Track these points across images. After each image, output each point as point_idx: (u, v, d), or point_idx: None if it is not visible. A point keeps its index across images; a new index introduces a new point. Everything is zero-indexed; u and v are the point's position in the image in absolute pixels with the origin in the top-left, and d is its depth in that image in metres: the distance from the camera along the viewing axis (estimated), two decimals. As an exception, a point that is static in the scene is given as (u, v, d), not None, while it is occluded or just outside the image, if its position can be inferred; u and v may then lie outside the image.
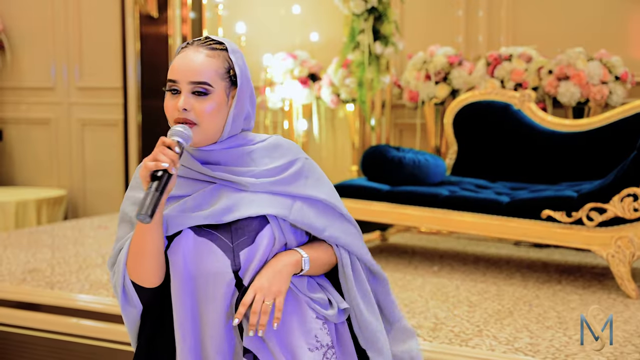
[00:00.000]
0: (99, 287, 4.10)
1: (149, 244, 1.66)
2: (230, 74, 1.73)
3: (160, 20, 6.76)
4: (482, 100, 4.95)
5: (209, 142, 1.74)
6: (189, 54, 1.71)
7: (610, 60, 5.03)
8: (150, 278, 1.70)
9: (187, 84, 1.68)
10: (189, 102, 1.68)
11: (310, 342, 1.72)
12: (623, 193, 3.88)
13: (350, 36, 5.41)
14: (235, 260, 1.69)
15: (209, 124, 1.70)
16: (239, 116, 1.76)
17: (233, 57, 1.74)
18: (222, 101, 1.71)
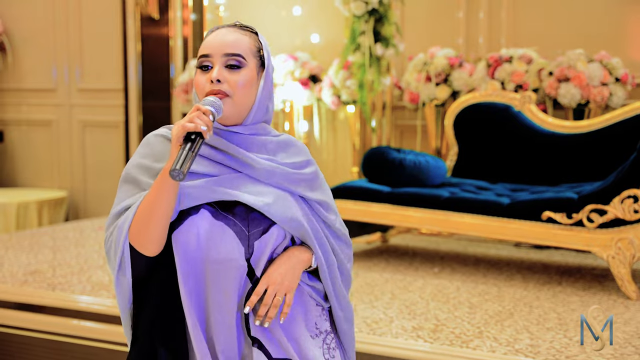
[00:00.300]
0: (100, 288, 4.11)
1: (162, 207, 1.63)
2: (261, 54, 1.76)
3: (161, 22, 6.77)
4: (483, 101, 4.96)
5: (237, 120, 1.74)
6: (221, 31, 1.75)
7: (610, 61, 5.03)
8: (153, 244, 1.66)
9: (221, 56, 1.70)
10: (222, 73, 1.70)
11: (312, 329, 1.77)
12: (623, 195, 3.89)
13: (351, 38, 5.42)
14: (249, 249, 1.70)
15: (241, 97, 1.71)
16: (264, 100, 1.77)
17: (262, 41, 1.78)
18: (254, 77, 1.73)
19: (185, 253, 1.68)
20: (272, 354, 1.70)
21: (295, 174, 1.77)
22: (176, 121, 6.70)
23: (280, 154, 1.79)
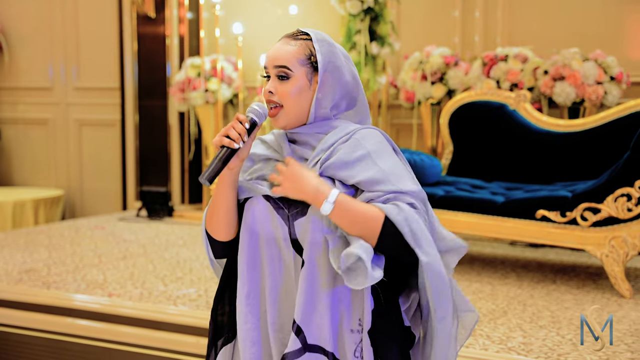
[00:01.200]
0: (95, 286, 4.11)
1: (222, 201, 1.87)
2: (312, 60, 1.87)
3: (157, 21, 6.76)
4: (478, 100, 4.96)
5: (297, 124, 1.90)
6: (279, 43, 1.91)
7: (605, 60, 5.04)
8: (220, 232, 1.90)
9: (272, 68, 1.87)
10: (274, 85, 1.86)
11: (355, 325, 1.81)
12: (617, 193, 3.89)
13: (347, 37, 5.42)
14: (291, 229, 1.83)
15: (291, 105, 1.86)
16: (323, 100, 1.88)
17: (317, 45, 1.88)
18: (304, 85, 1.86)
19: (244, 232, 1.88)
20: (308, 339, 1.80)
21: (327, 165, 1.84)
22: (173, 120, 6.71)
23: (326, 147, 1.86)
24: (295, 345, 1.78)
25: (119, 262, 4.73)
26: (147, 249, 5.14)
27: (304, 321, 1.78)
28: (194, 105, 6.42)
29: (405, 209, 1.74)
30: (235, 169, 1.84)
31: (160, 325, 3.63)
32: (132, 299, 3.88)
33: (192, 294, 3.96)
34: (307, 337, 1.78)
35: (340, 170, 1.81)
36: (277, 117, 1.87)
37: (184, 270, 4.51)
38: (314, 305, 1.78)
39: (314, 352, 1.79)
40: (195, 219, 6.31)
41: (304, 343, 1.78)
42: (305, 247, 1.79)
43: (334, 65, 1.87)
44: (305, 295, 1.79)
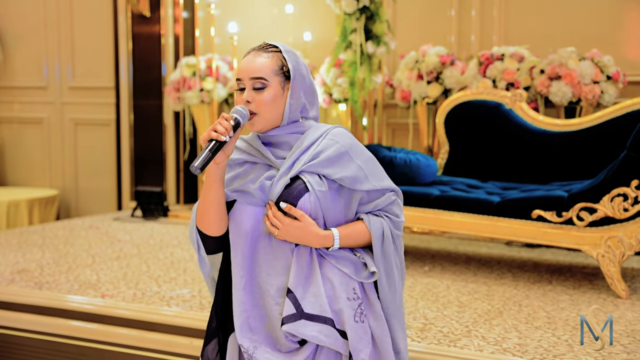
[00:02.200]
0: (88, 287, 4.08)
1: (212, 197, 2.05)
2: (284, 70, 2.09)
3: (152, 20, 6.74)
4: (474, 99, 4.93)
5: (271, 127, 2.11)
6: (250, 57, 2.10)
7: (602, 59, 5.02)
8: (212, 228, 2.09)
9: (248, 80, 2.07)
10: (251, 95, 2.06)
11: (350, 293, 2.04)
12: (613, 193, 3.87)
13: (342, 36, 5.39)
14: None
15: (266, 112, 2.07)
16: (295, 105, 2.11)
17: (286, 56, 2.11)
18: (278, 93, 2.08)
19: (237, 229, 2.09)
20: (305, 308, 2.00)
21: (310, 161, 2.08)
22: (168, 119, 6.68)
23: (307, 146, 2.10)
24: (290, 310, 1.99)
25: (112, 262, 4.70)
26: (141, 249, 5.11)
27: (301, 292, 2.00)
28: (189, 105, 6.39)
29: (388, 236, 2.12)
30: (221, 164, 2.01)
31: (154, 326, 3.60)
32: (125, 300, 3.85)
33: (185, 295, 3.93)
34: (304, 306, 1.99)
35: (324, 167, 2.06)
36: (253, 123, 2.08)
37: (177, 270, 4.49)
38: (310, 278, 2.02)
39: (312, 321, 1.99)
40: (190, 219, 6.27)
41: (299, 310, 1.99)
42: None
43: (300, 74, 2.12)
44: (301, 270, 2.02)
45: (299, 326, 1.99)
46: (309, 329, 1.99)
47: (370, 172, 2.11)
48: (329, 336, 1.99)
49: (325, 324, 2.00)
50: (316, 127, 2.14)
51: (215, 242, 2.14)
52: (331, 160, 2.07)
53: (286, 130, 2.12)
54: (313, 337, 1.98)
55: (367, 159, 2.13)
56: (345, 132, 2.16)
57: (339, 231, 2.06)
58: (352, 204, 2.10)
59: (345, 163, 2.08)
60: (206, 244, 2.14)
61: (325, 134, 2.12)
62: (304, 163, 2.07)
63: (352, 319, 2.02)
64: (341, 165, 2.07)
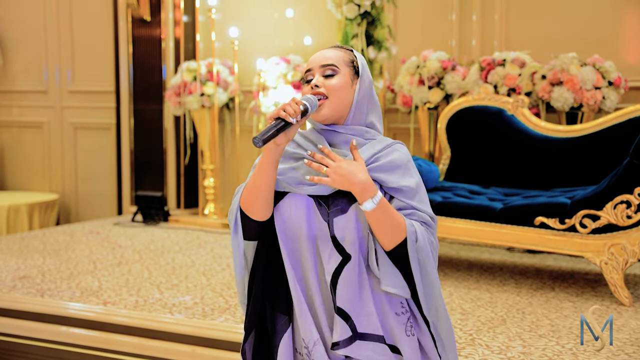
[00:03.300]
0: (90, 294, 4.07)
1: (265, 179, 1.96)
2: (354, 65, 2.08)
3: (153, 24, 6.72)
4: (476, 105, 4.93)
5: (336, 120, 2.05)
6: (321, 51, 2.10)
7: (603, 65, 5.01)
8: (259, 211, 1.99)
9: (318, 67, 2.05)
10: (321, 80, 2.04)
11: (397, 307, 1.97)
12: (616, 200, 3.87)
13: (343, 41, 5.38)
14: (330, 226, 1.95)
15: (336, 98, 2.02)
16: (361, 103, 2.06)
17: (357, 55, 2.10)
18: (347, 83, 2.04)
19: (284, 224, 2.00)
20: (358, 328, 1.93)
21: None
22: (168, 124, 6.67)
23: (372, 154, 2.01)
24: (346, 334, 1.93)
25: (114, 268, 4.69)
26: (142, 255, 5.10)
27: (354, 312, 1.93)
28: (190, 110, 6.38)
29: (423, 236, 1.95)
30: (280, 146, 1.94)
31: (156, 334, 3.59)
32: (127, 307, 3.84)
33: (187, 302, 3.92)
34: (357, 326, 1.93)
35: (383, 172, 1.97)
36: (321, 107, 2.01)
37: (179, 277, 4.47)
38: (360, 296, 1.94)
39: (365, 340, 1.93)
40: (191, 224, 6.26)
41: (354, 331, 1.93)
42: (348, 244, 1.94)
43: (368, 78, 2.10)
44: (354, 288, 1.93)
45: (355, 348, 1.94)
46: (364, 349, 1.94)
47: (421, 193, 2.03)
48: (382, 354, 1.95)
49: (378, 342, 1.95)
50: (380, 139, 2.06)
51: (256, 226, 2.04)
52: (392, 166, 1.99)
53: (350, 131, 2.04)
54: (368, 357, 1.94)
55: (419, 180, 2.05)
56: (407, 151, 2.08)
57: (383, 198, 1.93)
58: None
59: (405, 175, 2.00)
60: (247, 228, 2.04)
61: (389, 146, 2.04)
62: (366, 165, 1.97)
63: (405, 334, 1.98)
64: (401, 175, 1.99)
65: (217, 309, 3.81)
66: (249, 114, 6.28)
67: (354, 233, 1.95)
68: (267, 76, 6.00)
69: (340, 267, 1.94)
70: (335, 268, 1.94)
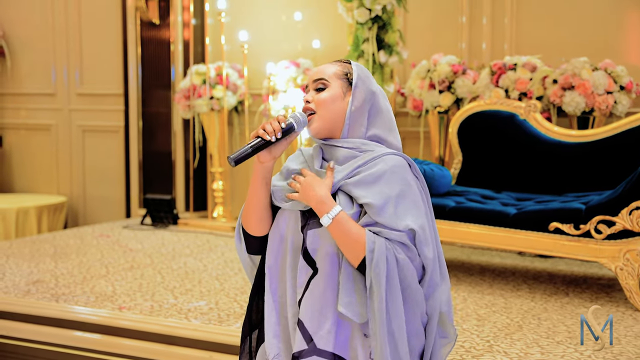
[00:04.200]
0: (104, 299, 4.07)
1: (254, 197, 2.04)
2: (348, 77, 2.07)
3: (161, 26, 6.72)
4: (488, 109, 4.93)
5: (329, 133, 2.05)
6: (318, 67, 2.12)
7: (615, 70, 5.02)
8: (253, 227, 2.06)
9: (311, 82, 2.08)
10: (312, 95, 2.06)
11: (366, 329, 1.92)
12: (632, 206, 3.87)
13: (354, 45, 5.38)
14: (305, 239, 1.98)
15: (324, 111, 2.03)
16: (356, 115, 2.04)
17: (354, 67, 2.09)
18: (337, 95, 2.04)
19: (273, 236, 2.05)
20: (317, 344, 1.92)
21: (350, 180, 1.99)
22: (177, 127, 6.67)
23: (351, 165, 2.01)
24: (302, 346, 1.93)
25: (126, 272, 4.69)
26: (154, 258, 5.10)
27: (315, 328, 1.92)
28: (199, 113, 6.38)
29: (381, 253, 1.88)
30: (266, 164, 1.99)
31: (173, 339, 3.60)
32: (142, 312, 3.84)
33: (202, 307, 3.93)
34: (316, 342, 1.92)
35: (359, 187, 1.95)
36: (311, 122, 2.04)
37: (193, 281, 4.48)
38: (324, 313, 1.92)
39: (323, 357, 1.92)
40: (200, 227, 6.26)
41: (314, 348, 1.92)
42: (318, 258, 1.95)
43: (368, 88, 2.07)
44: (317, 304, 1.93)
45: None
46: None
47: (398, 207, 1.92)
48: None
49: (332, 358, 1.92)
50: (376, 151, 1.99)
51: (256, 242, 2.11)
52: (370, 179, 1.93)
53: (346, 144, 2.02)
54: None
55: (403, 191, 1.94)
56: (401, 162, 1.99)
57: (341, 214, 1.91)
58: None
59: (381, 187, 1.92)
60: (247, 242, 2.12)
61: (380, 156, 1.98)
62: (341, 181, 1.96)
63: (369, 357, 1.92)
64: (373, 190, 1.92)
65: (233, 314, 3.81)
66: (258, 117, 6.28)
67: (326, 248, 1.94)
68: (277, 80, 6.00)
69: (309, 280, 1.96)
70: (307, 281, 1.97)
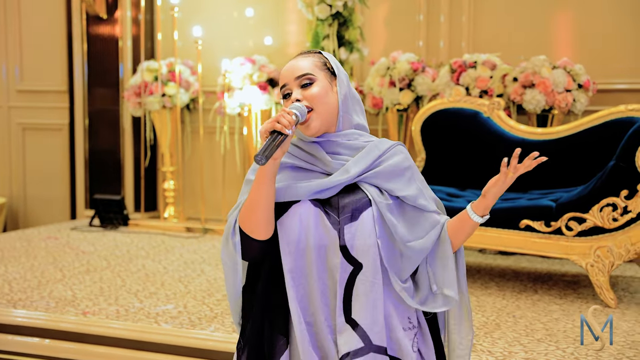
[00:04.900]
0: (65, 304, 3.90)
1: (263, 195, 1.88)
2: (328, 67, 2.03)
3: (109, 21, 6.52)
4: (451, 107, 4.91)
5: (326, 129, 1.99)
6: (290, 62, 2.04)
7: (573, 68, 5.06)
8: (260, 230, 1.90)
9: (294, 80, 1.98)
10: (300, 93, 1.97)
11: (405, 323, 1.95)
12: (602, 203, 3.90)
13: (314, 41, 5.31)
14: (340, 234, 1.89)
15: (321, 106, 1.96)
16: (346, 105, 2.01)
17: (327, 55, 2.06)
18: (327, 87, 1.99)
19: (288, 237, 1.91)
20: (373, 340, 1.87)
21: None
22: (126, 125, 6.47)
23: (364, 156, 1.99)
24: (357, 344, 1.86)
25: (83, 276, 4.51)
26: (110, 261, 4.92)
27: (370, 324, 1.87)
28: (150, 110, 6.20)
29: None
30: (277, 160, 1.88)
31: (145, 345, 3.46)
32: (109, 317, 3.68)
33: (171, 311, 3.79)
34: (372, 339, 1.87)
35: (387, 181, 1.96)
36: (309, 123, 1.95)
37: (155, 284, 4.33)
38: (376, 308, 1.88)
39: (378, 353, 1.87)
40: (152, 228, 6.09)
41: (370, 344, 1.87)
42: (359, 253, 1.89)
43: (345, 76, 2.06)
44: (368, 299, 1.88)
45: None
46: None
47: (427, 193, 2.04)
48: None
49: (385, 354, 1.89)
50: (381, 140, 2.02)
51: (258, 246, 1.94)
52: (395, 172, 1.97)
53: (343, 138, 1.99)
54: None
55: (422, 180, 2.06)
56: (406, 150, 2.06)
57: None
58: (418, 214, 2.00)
59: (408, 182, 1.99)
60: (249, 248, 1.94)
61: (390, 149, 2.00)
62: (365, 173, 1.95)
63: (411, 349, 1.94)
64: (404, 183, 1.98)
65: (204, 317, 3.69)
66: (213, 115, 6.14)
67: (366, 241, 1.90)
68: (232, 77, 5.87)
69: (353, 278, 1.89)
70: (347, 279, 1.89)
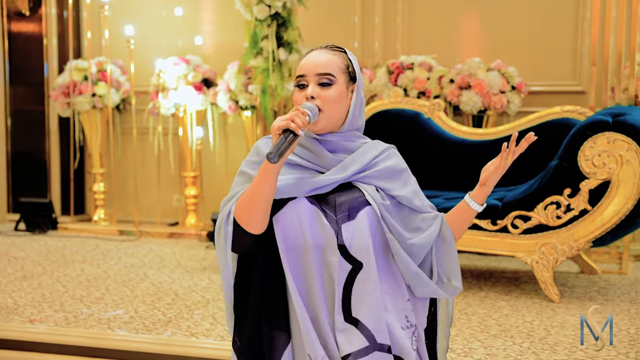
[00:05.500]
0: (8, 312, 3.76)
1: (264, 190, 1.88)
2: (349, 70, 2.04)
3: (33, 18, 6.30)
4: (392, 108, 4.97)
5: (330, 129, 2.03)
6: (314, 53, 2.04)
7: (507, 70, 5.21)
8: (257, 224, 1.90)
9: (314, 76, 1.99)
10: (316, 90, 1.99)
11: (403, 322, 1.96)
12: (547, 201, 4.02)
13: (253, 42, 5.28)
14: (338, 233, 1.91)
15: (331, 110, 1.99)
16: (356, 110, 2.05)
17: (351, 58, 2.07)
18: (343, 92, 2.01)
19: (286, 234, 1.92)
20: (378, 339, 1.88)
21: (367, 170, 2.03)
22: (53, 125, 6.27)
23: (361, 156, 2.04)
24: (361, 344, 1.87)
25: (20, 282, 4.35)
26: (45, 266, 4.76)
27: (374, 323, 1.88)
28: (79, 111, 6.03)
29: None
30: (285, 158, 1.90)
31: (100, 352, 3.35)
32: (57, 324, 3.56)
33: (123, 316, 3.70)
34: (377, 338, 1.88)
35: (383, 180, 2.02)
36: (316, 121, 1.98)
37: (99, 289, 4.21)
38: (379, 306, 1.90)
39: (383, 352, 1.89)
40: (83, 232, 5.93)
41: (374, 343, 1.88)
42: (357, 252, 1.91)
43: (362, 81, 2.09)
44: (370, 298, 1.89)
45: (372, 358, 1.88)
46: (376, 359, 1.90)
47: (420, 193, 2.13)
48: None
49: (388, 352, 1.91)
50: (376, 142, 2.09)
51: (252, 240, 1.93)
52: (392, 173, 2.05)
53: (343, 138, 2.05)
54: None
55: (415, 181, 2.15)
56: (398, 153, 2.15)
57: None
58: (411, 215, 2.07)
59: (404, 183, 2.08)
60: (240, 241, 1.93)
61: (385, 151, 2.08)
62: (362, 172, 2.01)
63: (412, 346, 1.96)
64: (400, 183, 2.06)
65: (158, 322, 3.61)
66: (146, 115, 6.02)
67: (364, 240, 1.92)
68: (167, 77, 5.77)
69: (352, 276, 1.90)
70: (347, 277, 1.90)
